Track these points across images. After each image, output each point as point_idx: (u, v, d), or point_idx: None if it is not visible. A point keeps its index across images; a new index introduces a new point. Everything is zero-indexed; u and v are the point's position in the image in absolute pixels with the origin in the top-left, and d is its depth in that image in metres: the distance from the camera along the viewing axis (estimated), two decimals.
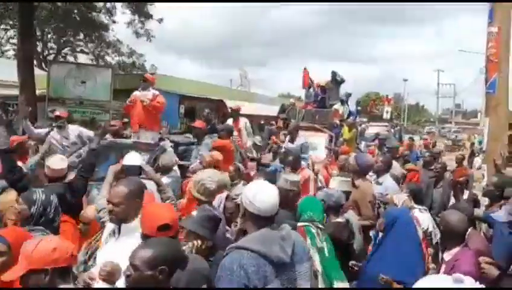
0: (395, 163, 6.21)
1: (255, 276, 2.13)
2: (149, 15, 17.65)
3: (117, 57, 22.10)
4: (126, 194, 2.61)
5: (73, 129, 6.24)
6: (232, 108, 9.30)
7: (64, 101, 10.67)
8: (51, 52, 24.43)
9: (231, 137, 7.06)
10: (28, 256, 1.96)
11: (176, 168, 5.37)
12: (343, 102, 11.84)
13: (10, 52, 23.11)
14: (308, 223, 3.19)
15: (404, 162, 7.27)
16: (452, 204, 5.17)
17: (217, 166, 4.90)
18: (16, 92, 11.63)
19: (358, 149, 10.99)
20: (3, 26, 21.81)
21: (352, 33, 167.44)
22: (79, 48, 23.15)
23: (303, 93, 13.72)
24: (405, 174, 6.81)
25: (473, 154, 9.26)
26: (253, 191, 2.31)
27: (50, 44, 24.40)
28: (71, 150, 5.88)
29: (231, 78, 35.40)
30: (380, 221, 3.54)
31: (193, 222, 2.68)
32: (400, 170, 5.99)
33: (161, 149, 5.91)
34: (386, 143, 10.26)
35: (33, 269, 1.94)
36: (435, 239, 4.29)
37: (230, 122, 8.64)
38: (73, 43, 23.16)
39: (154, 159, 5.51)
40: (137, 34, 18.57)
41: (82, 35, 21.23)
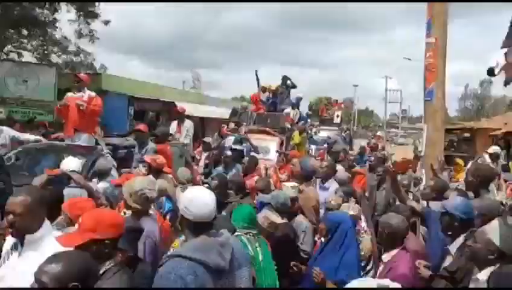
0: (340, 167, 6.35)
1: (194, 285, 2.09)
2: (94, 15, 17.08)
3: (63, 56, 21.17)
4: (30, 203, 2.35)
5: (6, 131, 5.77)
6: (178, 110, 9.06)
7: (4, 101, 10.09)
8: None
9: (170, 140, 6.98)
10: None
11: (114, 172, 5.11)
12: (294, 106, 12.04)
13: None
14: (240, 232, 3.14)
15: (349, 166, 7.45)
16: (393, 207, 5.37)
17: (161, 170, 4.85)
18: None
19: (308, 153, 11.22)
20: None
21: (304, 39, 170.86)
22: (22, 46, 21.96)
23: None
24: (351, 177, 6.98)
25: (417, 157, 9.69)
26: (188, 197, 2.28)
27: None
28: None
29: (184, 80, 35.04)
30: (321, 227, 3.59)
31: None
32: (345, 174, 6.12)
33: (98, 153, 5.62)
34: (333, 147, 10.51)
35: None
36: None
37: (175, 124, 8.52)
38: (16, 40, 21.92)
39: (91, 164, 5.24)
40: (79, 34, 17.92)
41: (25, 32, 20.19)
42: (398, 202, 5.15)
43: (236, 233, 3.04)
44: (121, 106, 12.77)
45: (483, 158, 7.90)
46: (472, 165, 5.80)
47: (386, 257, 3.18)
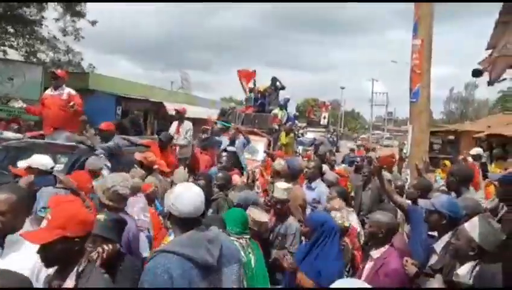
0: (326, 167, 6.41)
1: (181, 280, 2.09)
2: (80, 14, 16.93)
3: (51, 54, 20.92)
4: (15, 201, 2.26)
5: None
6: (178, 110, 8.87)
7: None
8: None
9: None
10: None
11: (106, 172, 4.98)
12: (281, 107, 12.12)
13: None
14: (233, 237, 3.12)
15: (331, 167, 7.53)
16: (380, 205, 5.45)
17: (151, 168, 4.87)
18: None
19: (296, 153, 11.30)
20: None
21: (292, 41, 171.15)
22: (8, 43, 21.63)
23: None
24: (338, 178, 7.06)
25: (402, 159, 9.83)
26: (175, 193, 2.28)
27: None
28: None
29: (172, 80, 34.84)
30: (305, 229, 3.59)
31: (100, 226, 2.56)
32: (334, 175, 6.19)
33: (81, 152, 5.49)
34: (319, 148, 10.60)
35: None
36: (362, 239, 4.49)
37: (175, 125, 8.47)
38: (2, 38, 21.59)
39: (73, 163, 5.13)
40: (64, 32, 17.71)
41: (12, 30, 19.90)
42: (386, 201, 5.26)
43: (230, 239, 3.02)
44: (109, 106, 12.72)
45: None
46: (453, 166, 5.92)
47: (376, 254, 3.20)
